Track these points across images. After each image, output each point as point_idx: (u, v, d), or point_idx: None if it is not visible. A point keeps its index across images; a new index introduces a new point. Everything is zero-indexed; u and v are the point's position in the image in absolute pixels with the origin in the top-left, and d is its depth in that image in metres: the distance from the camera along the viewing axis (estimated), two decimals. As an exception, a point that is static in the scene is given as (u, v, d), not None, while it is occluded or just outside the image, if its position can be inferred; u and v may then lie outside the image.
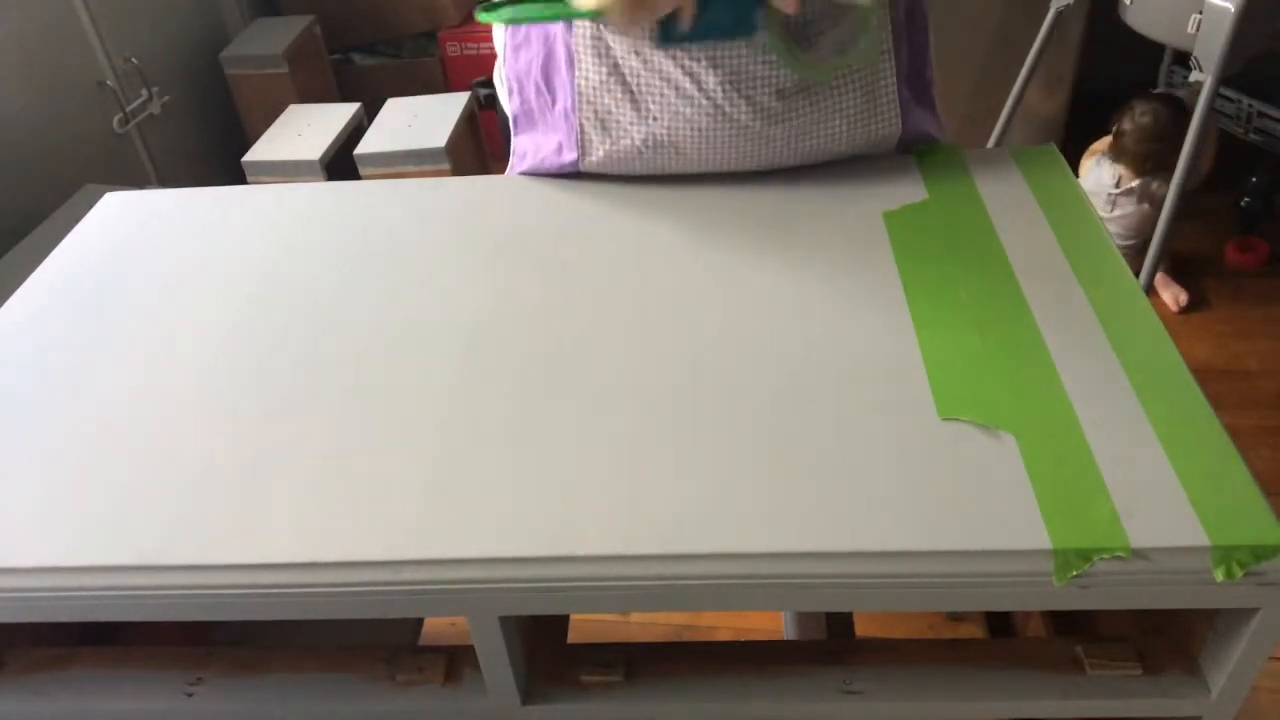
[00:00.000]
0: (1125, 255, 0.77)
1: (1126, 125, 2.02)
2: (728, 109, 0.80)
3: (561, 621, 0.88)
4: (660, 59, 0.79)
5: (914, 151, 0.89)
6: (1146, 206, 2.04)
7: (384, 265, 0.81)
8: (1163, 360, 0.65)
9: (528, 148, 0.91)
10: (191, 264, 0.84)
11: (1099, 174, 2.07)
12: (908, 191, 0.84)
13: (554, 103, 0.86)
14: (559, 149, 0.87)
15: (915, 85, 0.86)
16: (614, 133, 0.83)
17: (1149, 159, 1.99)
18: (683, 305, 0.74)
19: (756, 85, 0.79)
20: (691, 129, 0.81)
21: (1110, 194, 2.06)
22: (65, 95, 1.96)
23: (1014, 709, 0.63)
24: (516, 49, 0.88)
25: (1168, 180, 2.04)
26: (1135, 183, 2.04)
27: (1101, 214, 1.98)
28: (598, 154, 0.85)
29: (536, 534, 0.57)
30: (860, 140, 0.85)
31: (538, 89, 0.87)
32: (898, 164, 0.88)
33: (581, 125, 0.84)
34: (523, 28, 0.87)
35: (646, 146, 0.83)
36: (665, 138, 0.82)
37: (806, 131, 0.82)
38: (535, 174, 0.91)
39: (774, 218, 0.82)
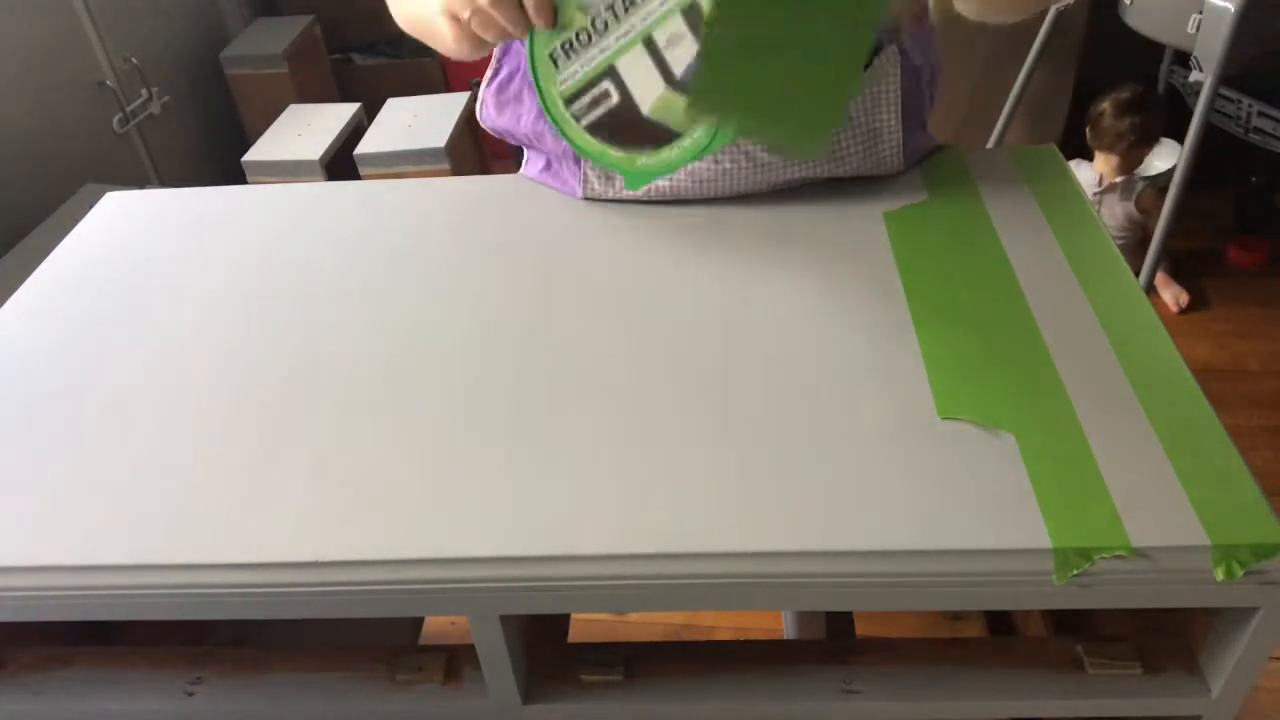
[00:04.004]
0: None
1: (1104, 105, 2.05)
2: (729, 165, 0.81)
3: (561, 621, 0.88)
4: None
5: (914, 152, 0.89)
6: (1132, 207, 2.04)
7: (384, 265, 0.81)
8: (1163, 360, 0.65)
9: (540, 163, 0.91)
10: (191, 264, 0.84)
11: (1079, 177, 2.08)
12: (908, 192, 0.84)
13: (547, 148, 0.86)
14: (563, 183, 0.88)
15: (910, 119, 0.85)
16: (617, 183, 0.84)
17: (1128, 134, 2.00)
18: (683, 304, 0.74)
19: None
20: (693, 180, 0.82)
21: (1094, 193, 2.06)
22: (65, 95, 1.96)
23: (1014, 709, 0.63)
24: (501, 105, 0.87)
25: (1151, 180, 2.05)
26: (1118, 179, 2.05)
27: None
28: (602, 196, 0.86)
29: (536, 534, 0.57)
30: (861, 174, 0.85)
31: (528, 140, 0.88)
32: (898, 164, 0.88)
33: (585, 173, 0.85)
34: (511, 85, 0.86)
35: (649, 192, 0.84)
36: (668, 188, 0.84)
37: (809, 172, 0.83)
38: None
39: (775, 218, 0.82)
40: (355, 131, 2.27)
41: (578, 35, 0.67)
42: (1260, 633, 0.56)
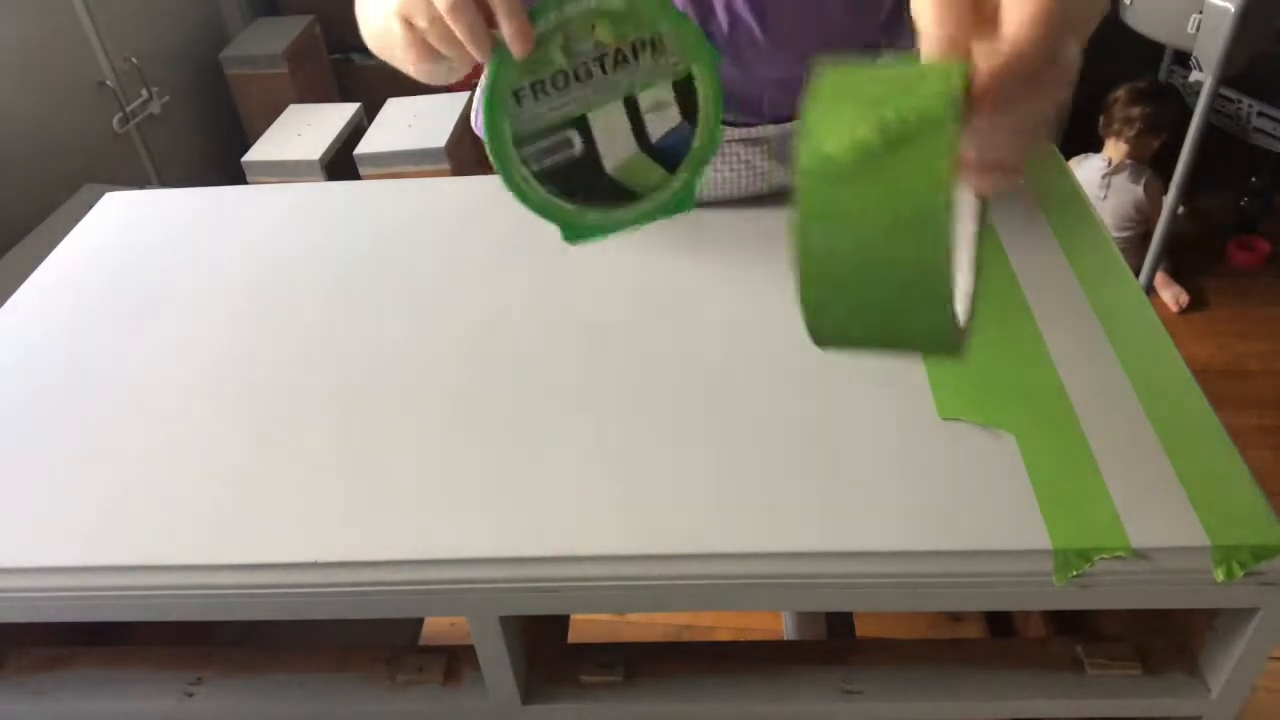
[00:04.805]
0: (1121, 249, 0.77)
1: (1120, 92, 2.09)
2: (728, 173, 0.82)
3: (561, 621, 0.88)
4: None
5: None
6: (1140, 191, 2.05)
7: (384, 265, 0.81)
8: (1163, 360, 0.65)
9: None
10: (191, 264, 0.84)
11: (1087, 167, 2.10)
12: (908, 191, 0.84)
13: None
14: None
15: None
16: None
17: (1137, 120, 2.04)
18: (683, 304, 0.74)
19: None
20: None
21: (1104, 175, 2.07)
22: (65, 95, 1.96)
23: (1014, 709, 0.63)
24: None
25: (1158, 172, 2.07)
26: (1128, 162, 2.06)
27: (1095, 202, 2.03)
28: None
29: (536, 534, 0.57)
30: None
31: None
32: (898, 164, 0.88)
33: None
34: None
35: None
36: None
37: None
38: None
39: (775, 218, 0.82)
40: (355, 131, 2.28)
41: (553, 78, 0.60)
42: (1260, 633, 0.56)
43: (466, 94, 2.24)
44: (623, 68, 0.61)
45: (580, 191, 0.66)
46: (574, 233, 0.68)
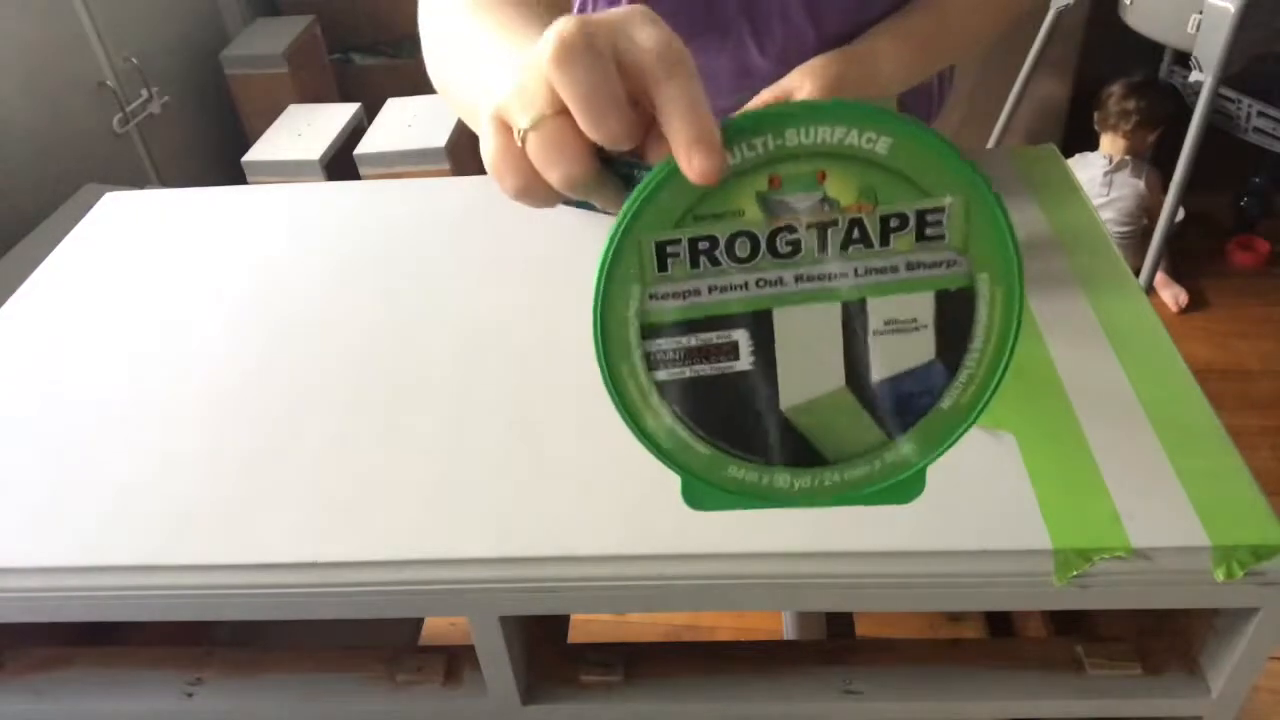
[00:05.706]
0: (1122, 245, 0.77)
1: (1114, 87, 2.09)
2: None
3: (561, 621, 0.88)
4: None
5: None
6: (1141, 185, 2.06)
7: (384, 265, 0.81)
8: (1163, 360, 0.65)
9: None
10: (191, 264, 0.84)
11: (1087, 166, 2.10)
12: (908, 191, 0.84)
13: None
14: None
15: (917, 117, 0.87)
16: None
17: (1133, 114, 2.05)
18: (683, 305, 0.74)
19: None
20: None
21: (1105, 173, 2.08)
22: (65, 95, 1.96)
23: (1014, 709, 0.63)
24: None
25: (1156, 165, 2.07)
26: (1127, 157, 2.07)
27: (1097, 200, 2.03)
28: None
29: (536, 534, 0.57)
30: None
31: None
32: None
33: None
34: None
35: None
36: None
37: None
38: None
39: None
40: (355, 131, 2.28)
41: (732, 240, 0.37)
42: (1260, 633, 0.56)
43: (466, 94, 2.24)
44: (854, 249, 0.37)
45: (726, 429, 0.43)
46: (697, 493, 0.46)
